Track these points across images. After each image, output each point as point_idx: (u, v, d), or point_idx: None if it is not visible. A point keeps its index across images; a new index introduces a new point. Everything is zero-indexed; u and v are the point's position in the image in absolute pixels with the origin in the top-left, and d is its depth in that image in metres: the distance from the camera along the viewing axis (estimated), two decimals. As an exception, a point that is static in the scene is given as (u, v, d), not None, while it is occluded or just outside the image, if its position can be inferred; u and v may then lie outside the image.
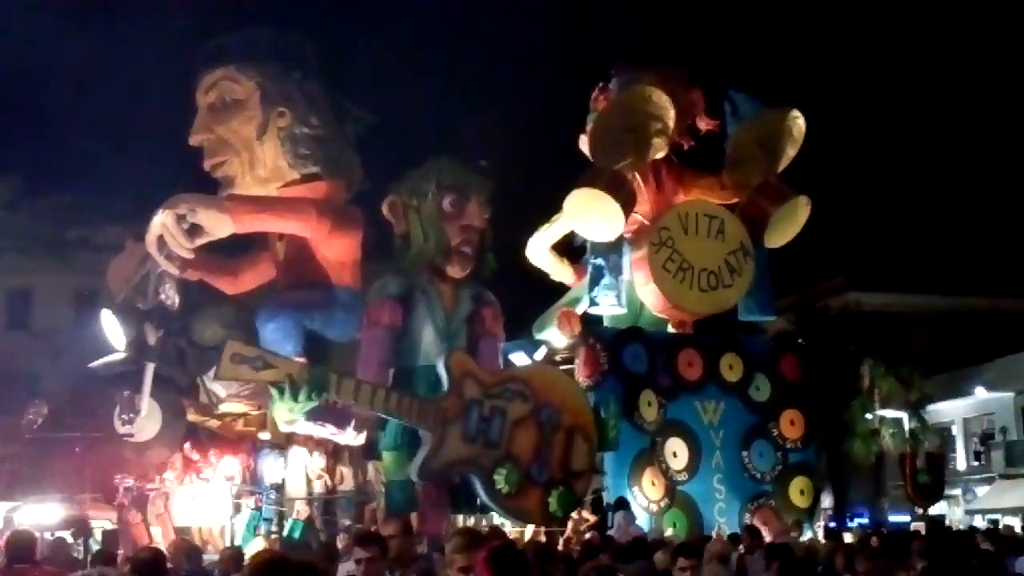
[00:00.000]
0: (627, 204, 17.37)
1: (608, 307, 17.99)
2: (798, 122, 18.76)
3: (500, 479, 14.26)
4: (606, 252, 17.95)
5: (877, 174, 61.73)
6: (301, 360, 15.12)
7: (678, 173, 19.44)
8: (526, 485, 14.49)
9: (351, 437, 16.48)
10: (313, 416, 14.63)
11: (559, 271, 21.00)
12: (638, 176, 18.58)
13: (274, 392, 13.55)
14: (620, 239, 18.00)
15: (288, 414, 14.19)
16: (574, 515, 15.27)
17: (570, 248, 20.85)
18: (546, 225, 20.59)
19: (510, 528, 14.78)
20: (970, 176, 56.34)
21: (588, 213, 17.57)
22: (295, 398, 13.41)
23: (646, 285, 17.97)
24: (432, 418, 14.10)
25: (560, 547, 12.85)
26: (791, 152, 18.86)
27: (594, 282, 17.94)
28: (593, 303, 18.05)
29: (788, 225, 19.05)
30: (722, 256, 18.14)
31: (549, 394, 15.11)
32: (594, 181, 17.34)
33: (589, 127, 20.28)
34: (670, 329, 18.84)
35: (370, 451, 17.13)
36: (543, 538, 13.98)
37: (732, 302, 18.58)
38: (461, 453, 14.25)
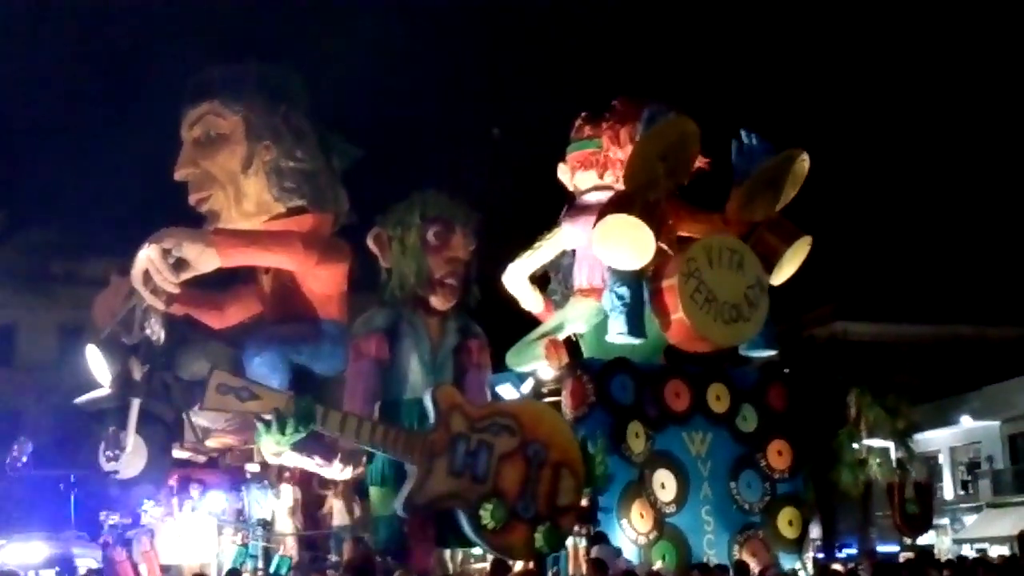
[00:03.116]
0: (658, 233, 17.30)
1: (625, 337, 17.83)
2: (804, 164, 18.78)
3: (486, 514, 14.17)
4: (628, 281, 17.84)
5: (864, 204, 62.10)
6: (288, 392, 15.05)
7: (677, 207, 19.36)
8: (512, 521, 14.39)
9: (338, 470, 16.43)
10: (300, 447, 14.56)
11: (532, 300, 20.97)
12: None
13: (260, 425, 13.48)
14: (640, 269, 17.88)
15: (275, 446, 14.12)
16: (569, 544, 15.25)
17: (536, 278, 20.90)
18: (528, 252, 20.57)
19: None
20: (956, 205, 56.73)
21: (617, 240, 17.45)
22: (282, 431, 13.34)
23: (673, 315, 17.78)
24: (418, 452, 14.03)
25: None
26: (791, 192, 18.90)
27: (615, 311, 17.82)
28: (617, 333, 17.88)
29: (788, 263, 19.03)
30: (742, 290, 18.02)
31: (536, 429, 15.03)
32: (629, 208, 17.22)
33: (569, 156, 20.35)
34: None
35: (360, 487, 17.04)
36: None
37: (750, 335, 18.43)
38: (447, 487, 14.16)
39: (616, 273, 17.91)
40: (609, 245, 17.62)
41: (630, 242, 17.25)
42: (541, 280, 21.10)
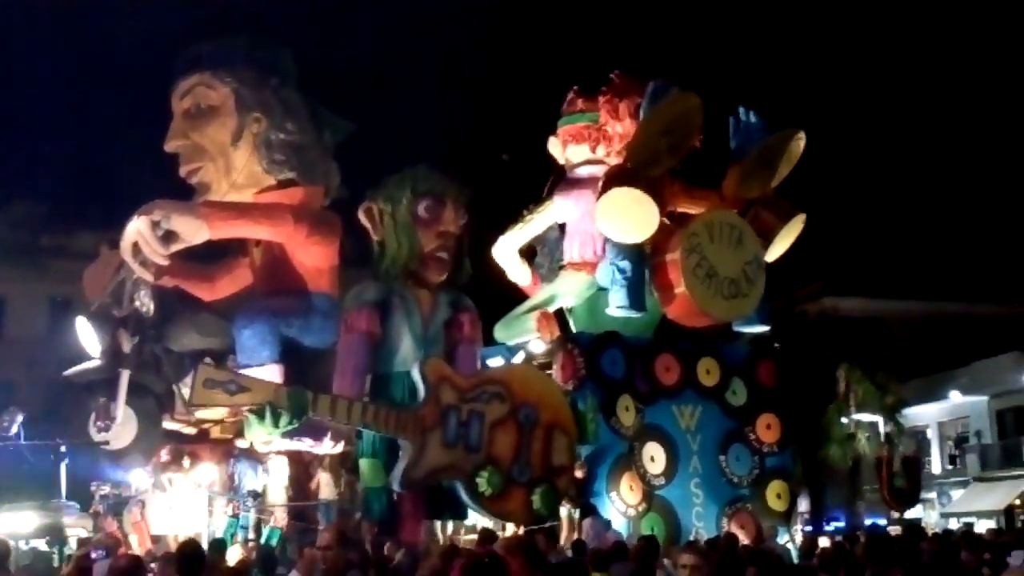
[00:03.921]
0: (662, 207, 17.31)
1: (626, 310, 17.82)
2: (800, 143, 18.83)
3: (482, 482, 14.27)
4: (630, 255, 17.82)
5: (854, 180, 62.13)
6: (277, 382, 14.99)
7: (675, 183, 19.29)
8: (509, 486, 14.52)
9: (329, 447, 16.48)
10: (289, 433, 14.56)
11: (520, 273, 20.92)
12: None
13: (252, 417, 13.43)
14: (640, 243, 17.84)
15: (266, 436, 14.17)
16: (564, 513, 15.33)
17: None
18: (519, 224, 20.48)
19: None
20: (945, 182, 56.81)
21: (620, 214, 17.44)
22: (276, 424, 13.33)
23: (676, 289, 17.78)
24: (411, 428, 14.06)
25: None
26: (785, 171, 18.93)
27: (616, 284, 17.80)
28: (617, 306, 17.86)
29: (782, 240, 19.05)
30: (741, 265, 18.07)
31: (526, 393, 15.14)
32: (633, 182, 17.22)
33: (560, 130, 20.26)
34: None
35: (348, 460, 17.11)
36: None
37: (748, 311, 18.48)
38: (442, 460, 14.22)
39: (617, 246, 17.87)
40: (612, 218, 17.59)
41: (633, 216, 17.25)
42: (527, 254, 21.06)
